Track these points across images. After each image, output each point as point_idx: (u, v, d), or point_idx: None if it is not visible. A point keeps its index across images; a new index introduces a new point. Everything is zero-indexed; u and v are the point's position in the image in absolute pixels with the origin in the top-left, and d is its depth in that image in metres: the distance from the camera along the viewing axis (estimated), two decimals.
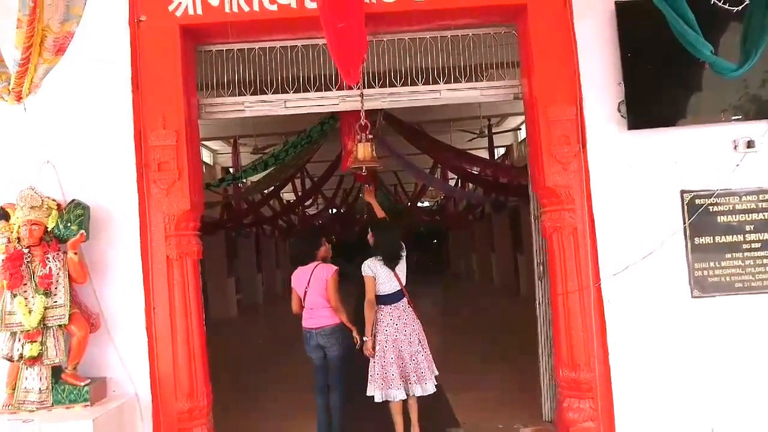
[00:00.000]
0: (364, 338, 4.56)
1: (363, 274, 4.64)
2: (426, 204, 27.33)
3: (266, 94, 4.88)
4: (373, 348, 4.52)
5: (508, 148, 16.26)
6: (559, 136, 4.43)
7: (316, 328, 4.77)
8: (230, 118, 5.00)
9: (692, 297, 4.36)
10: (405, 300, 4.67)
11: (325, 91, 4.92)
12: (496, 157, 15.04)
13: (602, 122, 4.44)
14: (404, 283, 4.69)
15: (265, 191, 10.35)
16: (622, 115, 4.41)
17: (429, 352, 4.65)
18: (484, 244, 21.45)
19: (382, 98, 4.93)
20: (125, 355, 4.28)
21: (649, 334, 4.34)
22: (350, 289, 6.14)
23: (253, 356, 10.27)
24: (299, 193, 13.77)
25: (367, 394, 4.56)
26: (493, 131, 10.62)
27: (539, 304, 4.91)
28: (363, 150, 4.74)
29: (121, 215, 4.34)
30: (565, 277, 4.44)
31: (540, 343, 4.92)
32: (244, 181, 10.01)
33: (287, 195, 17.14)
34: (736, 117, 4.33)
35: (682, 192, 4.39)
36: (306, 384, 5.42)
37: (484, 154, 14.17)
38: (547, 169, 4.45)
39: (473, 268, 23.11)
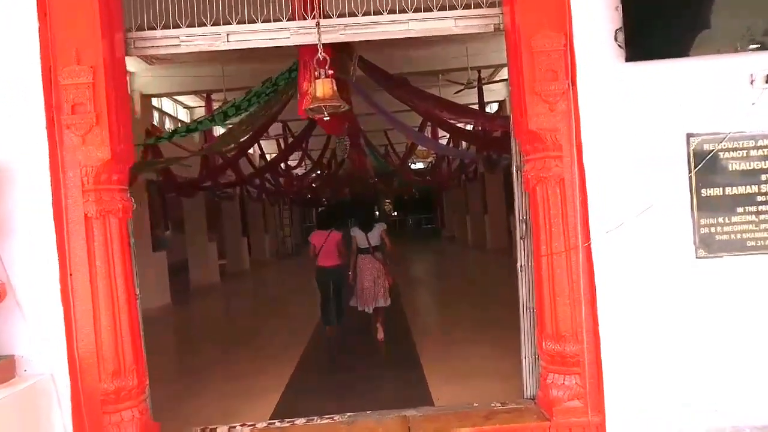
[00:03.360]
0: (349, 272, 7.42)
1: (351, 234, 7.44)
2: (420, 165, 26.73)
3: (205, 26, 4.18)
4: (354, 279, 7.37)
5: (501, 103, 15.53)
6: (545, 70, 3.76)
7: (327, 266, 7.61)
8: (164, 54, 4.30)
9: (696, 258, 3.76)
10: (371, 254, 7.32)
11: (274, 21, 4.22)
12: (487, 112, 14.36)
13: (596, 54, 3.78)
14: (373, 243, 7.33)
15: (234, 144, 9.64)
16: (619, 45, 3.74)
17: (385, 286, 7.33)
18: (477, 205, 20.84)
19: (341, 30, 4.23)
20: (37, 329, 3.68)
21: (646, 300, 3.76)
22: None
23: (221, 328, 9.80)
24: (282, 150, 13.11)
25: (350, 305, 7.56)
26: (483, 83, 9.89)
27: (521, 267, 4.29)
28: (322, 87, 4.06)
29: (29, 167, 3.69)
30: (549, 236, 3.83)
31: (522, 311, 4.32)
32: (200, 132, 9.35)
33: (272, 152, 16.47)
34: (754, 46, 3.66)
35: (688, 135, 3.75)
36: (272, 357, 6.75)
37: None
38: (530, 109, 3.79)
39: (467, 231, 22.53)
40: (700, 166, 3.73)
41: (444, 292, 11.72)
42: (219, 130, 11.63)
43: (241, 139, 9.41)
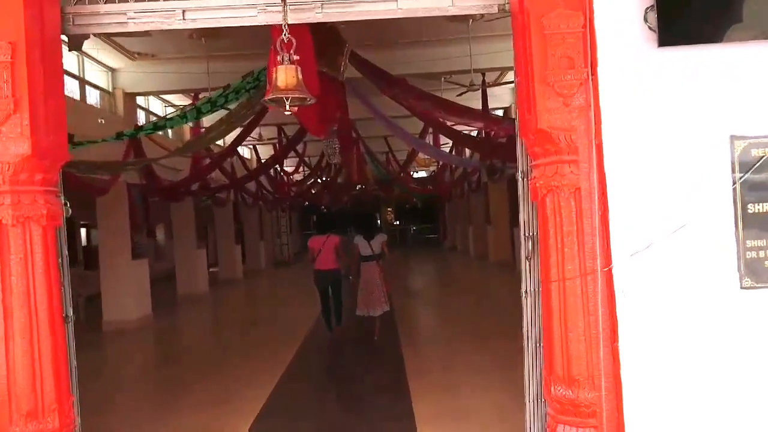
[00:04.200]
0: (350, 277, 8.01)
1: (355, 242, 7.84)
2: (422, 174, 26.08)
3: (158, 0, 3.55)
4: (356, 283, 7.82)
5: (506, 110, 14.88)
6: (559, 57, 3.10)
7: (324, 270, 7.98)
8: (111, 32, 3.66)
9: (741, 288, 3.08)
10: (374, 261, 7.70)
11: None
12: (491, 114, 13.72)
13: (621, 37, 3.12)
14: (375, 252, 7.74)
15: (210, 145, 9.01)
16: (649, 27, 3.08)
17: (384, 294, 7.71)
18: (479, 216, 20.16)
19: (317, 9, 3.59)
20: None
21: (680, 339, 3.08)
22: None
23: (197, 343, 9.14)
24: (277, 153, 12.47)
25: (356, 313, 7.86)
26: (488, 86, 9.25)
27: (526, 293, 3.60)
28: (285, 75, 3.41)
29: None
30: (561, 258, 3.15)
31: (526, 344, 3.63)
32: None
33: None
34: None
35: (733, 138, 3.08)
36: (245, 382, 6.22)
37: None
38: (540, 104, 3.13)
39: (468, 241, 21.83)
40: (746, 175, 3.06)
41: (442, 308, 11.05)
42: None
43: (219, 140, 8.76)
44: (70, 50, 7.33)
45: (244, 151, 19.06)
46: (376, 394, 5.62)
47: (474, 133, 12.78)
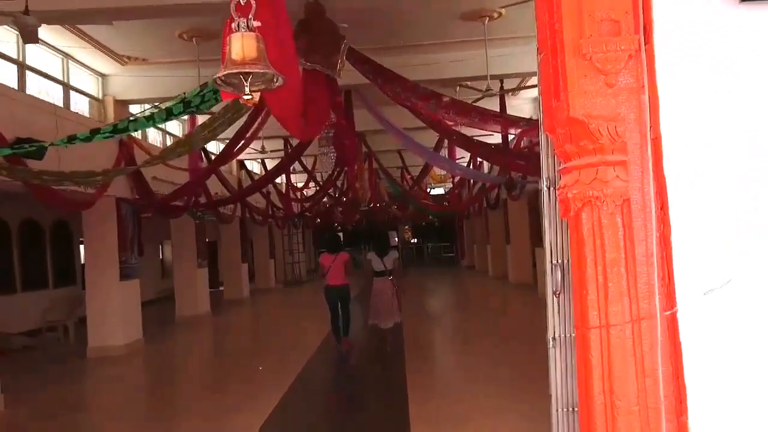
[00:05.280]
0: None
1: (368, 258, 8.34)
2: (439, 191, 25.19)
3: None
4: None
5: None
6: (600, 19, 2.26)
7: (334, 285, 8.31)
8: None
9: None
10: (386, 276, 8.06)
11: None
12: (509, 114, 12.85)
13: None
14: (387, 267, 8.11)
15: (185, 154, 8.26)
16: None
17: (396, 306, 8.07)
18: (498, 234, 19.20)
19: None
20: None
21: None
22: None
23: (185, 374, 8.31)
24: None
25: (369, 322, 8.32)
26: (505, 91, 8.41)
27: (554, 341, 2.71)
28: (241, 45, 2.59)
29: None
30: (604, 295, 2.28)
31: (554, 410, 2.73)
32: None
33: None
34: None
35: None
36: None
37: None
38: (573, 85, 2.28)
39: (487, 261, 20.84)
40: None
41: (456, 335, 10.11)
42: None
43: (200, 147, 8.00)
44: (25, 43, 6.70)
45: (254, 166, 18.41)
46: None
47: (491, 141, 11.95)
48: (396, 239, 31.97)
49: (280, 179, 17.63)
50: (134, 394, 7.30)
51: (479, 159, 13.80)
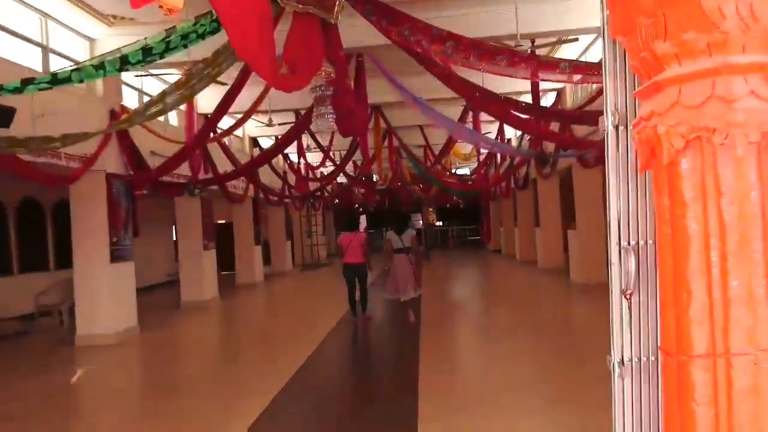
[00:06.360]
0: (385, 267, 9.05)
1: (387, 237, 8.95)
2: (466, 171, 24.04)
3: None
4: (389, 273, 8.71)
5: (560, 91, 12.82)
6: None
7: (352, 263, 9.16)
8: None
9: None
10: (404, 253, 8.61)
11: None
12: (541, 103, 11.69)
13: None
14: (405, 245, 8.62)
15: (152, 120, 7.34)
16: None
17: (412, 279, 8.56)
18: (527, 216, 18.06)
19: None
20: None
21: None
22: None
23: (171, 370, 7.42)
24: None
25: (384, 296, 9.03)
26: (537, 46, 7.31)
27: (622, 366, 1.71)
28: None
29: None
30: (723, 303, 1.28)
31: None
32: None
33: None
34: None
35: None
36: None
37: (526, 97, 10.89)
38: None
39: (514, 245, 19.72)
40: None
41: (480, 330, 9.11)
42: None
43: (174, 108, 7.09)
44: None
45: (269, 144, 17.53)
46: None
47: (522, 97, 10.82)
48: (420, 221, 30.93)
49: (295, 158, 16.76)
50: (113, 390, 6.46)
51: (506, 132, 12.67)
